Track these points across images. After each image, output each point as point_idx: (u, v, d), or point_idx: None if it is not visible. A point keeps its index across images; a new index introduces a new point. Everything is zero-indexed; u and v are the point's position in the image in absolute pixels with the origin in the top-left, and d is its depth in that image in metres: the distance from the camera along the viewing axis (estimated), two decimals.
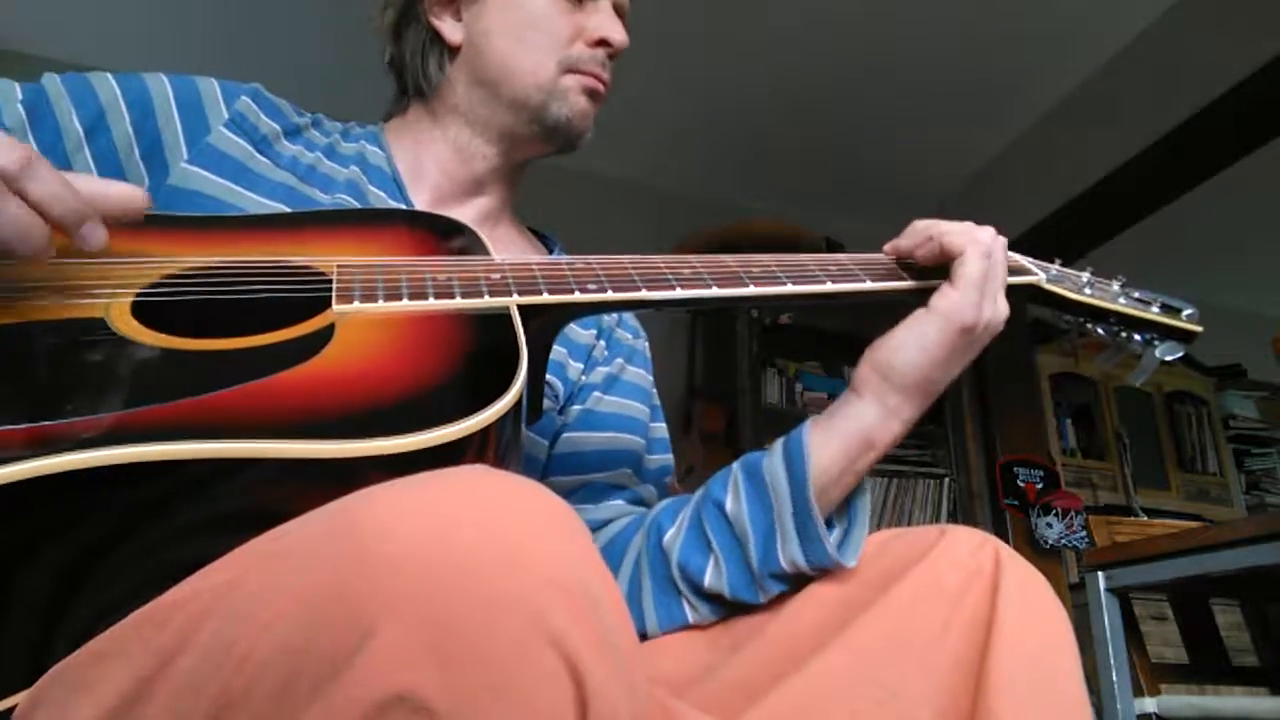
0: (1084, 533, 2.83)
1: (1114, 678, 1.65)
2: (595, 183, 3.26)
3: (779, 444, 0.66)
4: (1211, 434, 3.61)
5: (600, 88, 0.79)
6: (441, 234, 0.67)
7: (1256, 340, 3.74)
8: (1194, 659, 1.91)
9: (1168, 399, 3.61)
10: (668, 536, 0.67)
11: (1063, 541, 2.84)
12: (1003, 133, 3.10)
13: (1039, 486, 2.97)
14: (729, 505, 0.65)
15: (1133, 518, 2.88)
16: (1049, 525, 2.85)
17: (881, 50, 2.73)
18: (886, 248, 0.69)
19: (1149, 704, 1.66)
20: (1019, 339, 3.20)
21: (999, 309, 0.64)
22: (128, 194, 0.51)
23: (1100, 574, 1.72)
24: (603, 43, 0.79)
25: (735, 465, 0.68)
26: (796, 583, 0.63)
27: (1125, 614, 1.72)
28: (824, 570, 0.61)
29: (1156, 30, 2.60)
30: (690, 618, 0.65)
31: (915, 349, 0.62)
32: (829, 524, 0.63)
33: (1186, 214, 2.88)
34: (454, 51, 0.81)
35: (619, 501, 0.78)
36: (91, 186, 0.50)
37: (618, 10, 0.82)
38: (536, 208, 0.94)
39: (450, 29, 0.81)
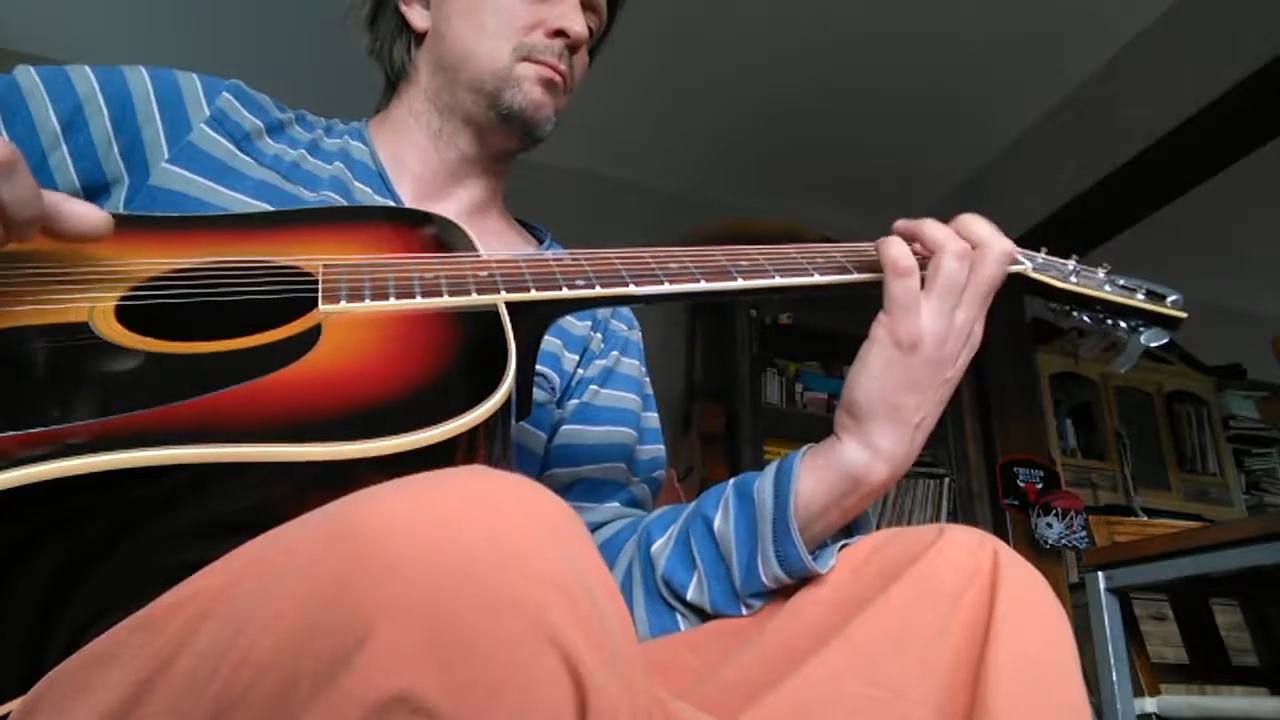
0: (1084, 533, 2.83)
1: (1114, 678, 1.65)
2: (594, 183, 3.26)
3: (773, 466, 0.65)
4: (1211, 434, 3.61)
5: (556, 78, 0.78)
6: (427, 231, 0.66)
7: (1256, 340, 3.74)
8: (1194, 659, 1.91)
9: (1168, 399, 3.61)
10: (656, 546, 0.68)
11: (1063, 541, 2.83)
12: (1003, 133, 3.10)
13: (1039, 486, 2.96)
14: (717, 523, 0.65)
15: (1133, 518, 2.88)
16: (1049, 525, 2.85)
17: (881, 50, 2.73)
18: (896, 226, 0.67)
19: (1149, 704, 1.66)
20: (1019, 339, 3.20)
21: (956, 321, 0.60)
22: (90, 220, 0.50)
23: (1100, 574, 1.72)
24: (560, 33, 0.78)
25: (729, 483, 0.67)
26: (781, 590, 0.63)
27: (1125, 614, 1.72)
28: (802, 578, 0.61)
29: (1156, 30, 2.60)
30: (682, 626, 0.65)
31: (867, 378, 0.61)
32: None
33: (1186, 214, 2.88)
34: (420, 38, 0.82)
35: (614, 504, 0.78)
36: (56, 204, 0.49)
37: (588, 5, 0.82)
38: (535, 207, 0.94)
39: (418, 16, 0.82)
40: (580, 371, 0.81)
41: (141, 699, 0.32)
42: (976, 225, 0.63)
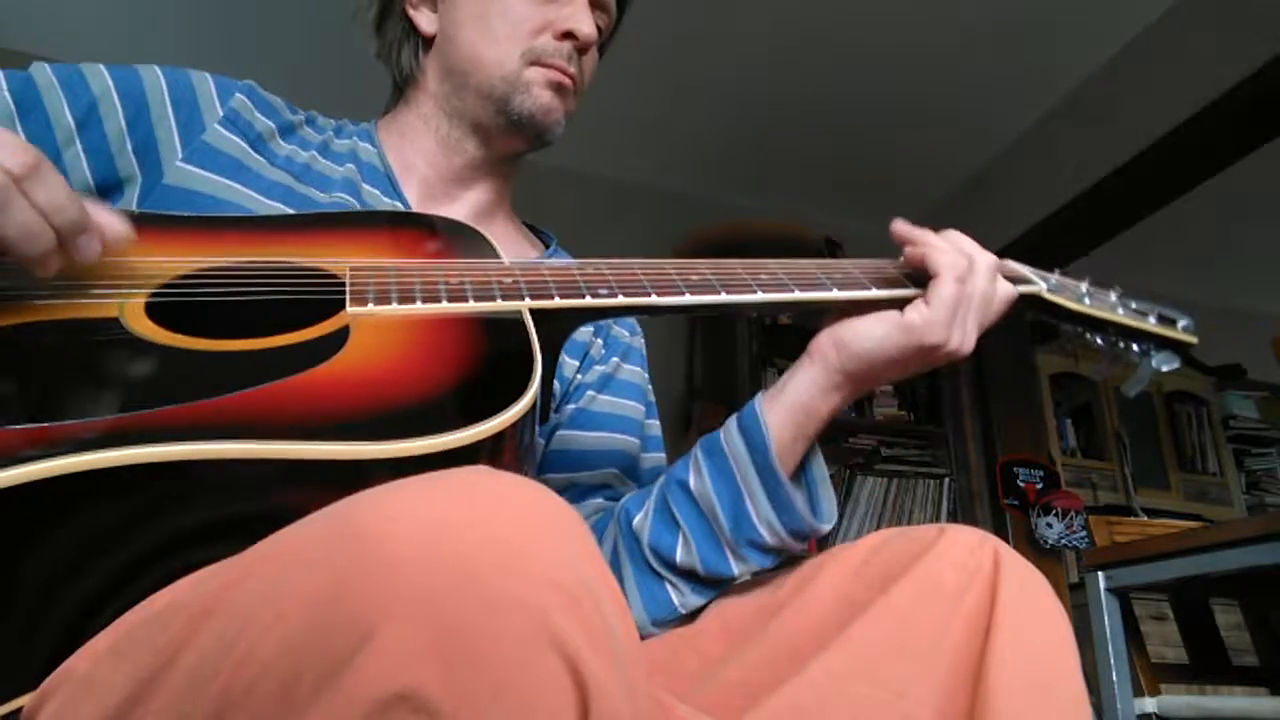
0: (1084, 533, 2.83)
1: (1114, 678, 1.65)
2: (595, 184, 3.26)
3: (733, 419, 0.67)
4: (1211, 434, 3.61)
5: (565, 81, 0.78)
6: (450, 237, 0.67)
7: (1256, 340, 3.74)
8: (1194, 659, 1.91)
9: (1168, 399, 3.61)
10: (637, 520, 0.68)
11: (1063, 541, 2.83)
12: (1003, 133, 3.10)
13: (1039, 486, 2.96)
14: (693, 482, 0.66)
15: (1133, 518, 2.88)
16: (1049, 525, 2.85)
17: (881, 50, 2.73)
18: (895, 225, 0.70)
19: (1149, 704, 1.66)
20: (1019, 339, 3.20)
21: (967, 338, 0.64)
22: (114, 227, 0.52)
23: (1100, 574, 1.72)
24: (569, 35, 0.77)
25: (695, 446, 0.68)
26: (777, 557, 0.64)
27: (1125, 614, 1.72)
28: (802, 536, 0.64)
29: (1156, 30, 2.59)
30: (675, 600, 0.65)
31: (875, 344, 0.64)
32: None
33: (1186, 214, 2.88)
34: (429, 42, 0.81)
35: (598, 499, 0.78)
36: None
37: (597, 4, 0.81)
38: (537, 209, 0.94)
39: (425, 20, 0.81)
40: (579, 377, 0.81)
41: (144, 697, 0.33)
42: (963, 242, 0.67)
